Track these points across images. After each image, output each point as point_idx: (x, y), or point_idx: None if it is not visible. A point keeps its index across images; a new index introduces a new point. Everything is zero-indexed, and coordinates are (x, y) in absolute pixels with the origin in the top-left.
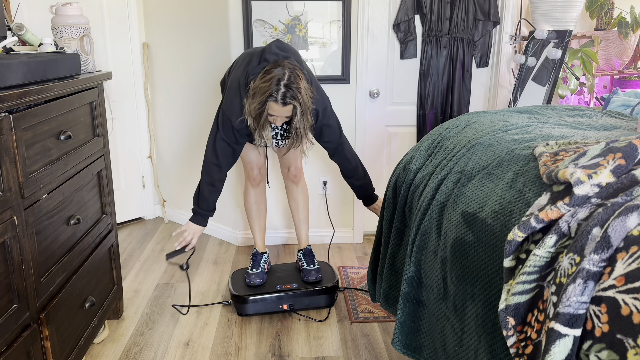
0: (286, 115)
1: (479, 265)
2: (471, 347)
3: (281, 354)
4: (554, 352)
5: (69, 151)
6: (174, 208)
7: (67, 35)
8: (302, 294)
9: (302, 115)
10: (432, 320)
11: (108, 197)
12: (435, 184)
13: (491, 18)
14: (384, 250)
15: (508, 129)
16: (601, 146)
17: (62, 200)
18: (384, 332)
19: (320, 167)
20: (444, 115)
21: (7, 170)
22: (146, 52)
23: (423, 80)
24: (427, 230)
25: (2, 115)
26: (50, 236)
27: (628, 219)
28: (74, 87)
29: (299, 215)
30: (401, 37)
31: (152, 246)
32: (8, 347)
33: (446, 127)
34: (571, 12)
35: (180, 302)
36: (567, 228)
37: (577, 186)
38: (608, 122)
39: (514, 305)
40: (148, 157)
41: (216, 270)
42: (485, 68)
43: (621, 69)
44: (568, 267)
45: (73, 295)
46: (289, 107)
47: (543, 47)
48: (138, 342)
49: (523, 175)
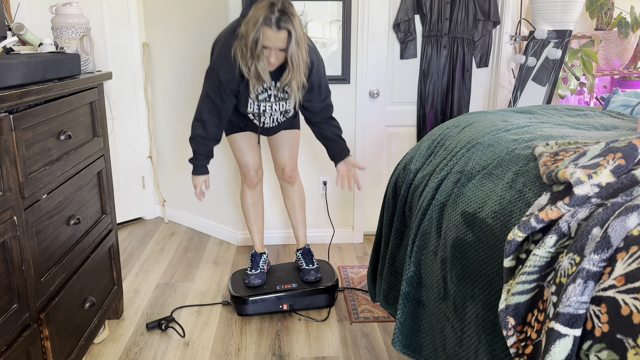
0: (281, 47)
1: (479, 265)
2: (471, 347)
3: (281, 354)
4: (554, 352)
5: (69, 151)
6: (174, 208)
7: (67, 35)
8: (302, 293)
9: (297, 45)
10: (432, 320)
11: (108, 197)
12: (435, 184)
13: (491, 18)
14: (384, 250)
15: (508, 129)
16: (601, 146)
17: (62, 200)
18: (384, 332)
19: (320, 167)
20: (444, 115)
21: (7, 170)
22: (146, 52)
23: (423, 80)
24: (427, 230)
25: (2, 115)
26: (50, 236)
27: (628, 219)
28: (74, 87)
29: (296, 216)
30: (401, 37)
31: (152, 246)
32: (8, 347)
33: (446, 127)
34: (571, 12)
35: (180, 302)
36: (567, 228)
37: (577, 186)
38: (608, 122)
39: (514, 305)
40: (148, 157)
41: (216, 270)
42: (485, 68)
43: (621, 69)
44: (568, 267)
45: (73, 295)
46: (283, 33)
47: (543, 47)
48: (138, 342)
49: (523, 175)
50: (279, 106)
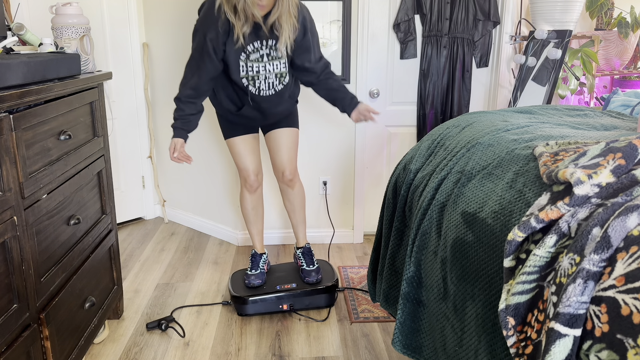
0: None
1: (479, 265)
2: (471, 347)
3: (281, 354)
4: (554, 352)
5: (69, 151)
6: (174, 208)
7: (67, 35)
8: (302, 293)
9: None
10: (432, 320)
11: (108, 197)
12: (435, 184)
13: (491, 18)
14: (384, 250)
15: (508, 129)
16: (601, 146)
17: (62, 200)
18: (384, 332)
19: (320, 167)
20: (444, 115)
21: (7, 170)
22: (146, 52)
23: (423, 80)
24: (427, 230)
25: (2, 115)
26: (50, 236)
27: (628, 219)
28: (74, 87)
29: (296, 217)
30: (401, 37)
31: (152, 246)
32: (8, 347)
33: (446, 127)
34: (571, 12)
35: (180, 302)
36: (567, 228)
37: (577, 186)
38: (608, 122)
39: (514, 305)
40: (148, 157)
41: (216, 270)
42: (485, 68)
43: (621, 69)
44: (568, 267)
45: (73, 295)
46: None
47: (543, 47)
48: (138, 342)
49: (523, 175)
50: (272, 67)
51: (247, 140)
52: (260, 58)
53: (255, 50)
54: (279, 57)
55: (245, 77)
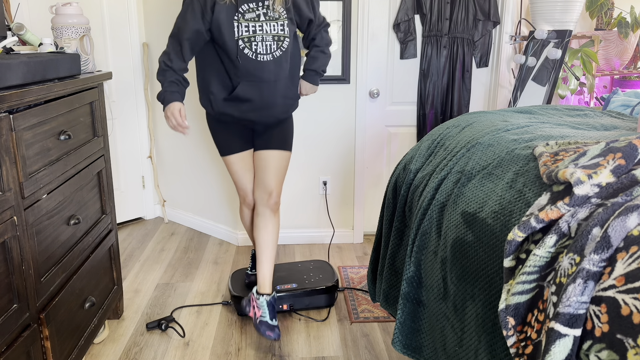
0: None
1: (479, 265)
2: (471, 347)
3: (281, 354)
4: (554, 352)
5: (69, 151)
6: (174, 208)
7: (67, 35)
8: (302, 293)
9: None
10: (432, 320)
11: (108, 197)
12: (435, 184)
13: (491, 18)
14: (384, 250)
15: (508, 129)
16: (601, 146)
17: (62, 200)
18: (384, 332)
19: (320, 167)
20: (444, 115)
21: (7, 170)
22: (146, 52)
23: (423, 80)
24: (427, 230)
25: (2, 115)
26: (50, 236)
27: (628, 219)
28: (74, 87)
29: (267, 252)
30: (401, 37)
31: (152, 246)
32: (8, 347)
33: (446, 127)
34: (571, 12)
35: (180, 302)
36: (567, 228)
37: (577, 186)
38: (608, 122)
39: (514, 305)
40: (148, 157)
41: (216, 270)
42: (485, 68)
43: (621, 69)
44: (568, 267)
45: (73, 295)
46: None
47: (543, 47)
48: (138, 342)
49: (523, 175)
50: (270, 27)
51: (244, 158)
52: (257, 17)
53: (250, 10)
54: (276, 17)
55: (240, 39)
